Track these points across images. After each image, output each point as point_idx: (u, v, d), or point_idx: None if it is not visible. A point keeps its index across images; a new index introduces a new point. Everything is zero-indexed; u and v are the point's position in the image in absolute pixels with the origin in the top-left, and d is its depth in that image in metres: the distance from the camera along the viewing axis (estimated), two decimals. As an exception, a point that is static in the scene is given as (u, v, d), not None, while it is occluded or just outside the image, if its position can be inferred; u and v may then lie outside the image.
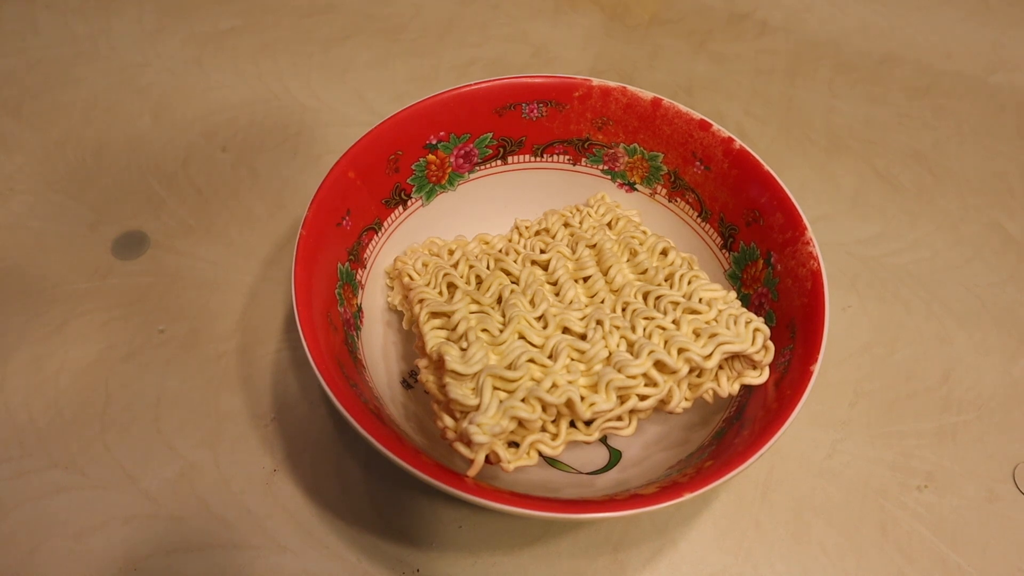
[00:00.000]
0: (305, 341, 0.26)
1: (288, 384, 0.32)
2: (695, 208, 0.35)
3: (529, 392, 0.25)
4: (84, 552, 0.28)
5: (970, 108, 0.46)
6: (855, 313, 0.36)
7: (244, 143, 0.42)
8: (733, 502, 0.30)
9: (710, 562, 0.29)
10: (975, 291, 0.38)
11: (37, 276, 0.35)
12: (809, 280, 0.29)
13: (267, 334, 0.34)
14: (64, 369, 0.32)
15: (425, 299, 0.30)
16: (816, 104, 0.46)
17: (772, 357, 0.28)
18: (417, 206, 0.35)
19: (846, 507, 0.30)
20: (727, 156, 0.33)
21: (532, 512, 0.23)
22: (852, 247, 0.39)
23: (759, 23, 0.51)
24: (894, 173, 0.43)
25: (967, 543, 0.30)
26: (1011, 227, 0.40)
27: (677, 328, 0.28)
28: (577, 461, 0.30)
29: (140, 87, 0.44)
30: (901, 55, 0.49)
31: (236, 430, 0.31)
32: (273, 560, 0.28)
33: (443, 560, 0.28)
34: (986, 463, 0.32)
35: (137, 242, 0.37)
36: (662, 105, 0.34)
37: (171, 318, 0.34)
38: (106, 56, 0.46)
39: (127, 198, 0.39)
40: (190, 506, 0.29)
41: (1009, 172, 0.43)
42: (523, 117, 0.35)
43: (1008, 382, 0.34)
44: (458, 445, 0.25)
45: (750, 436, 0.26)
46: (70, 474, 0.30)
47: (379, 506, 0.29)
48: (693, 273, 0.30)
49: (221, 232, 0.37)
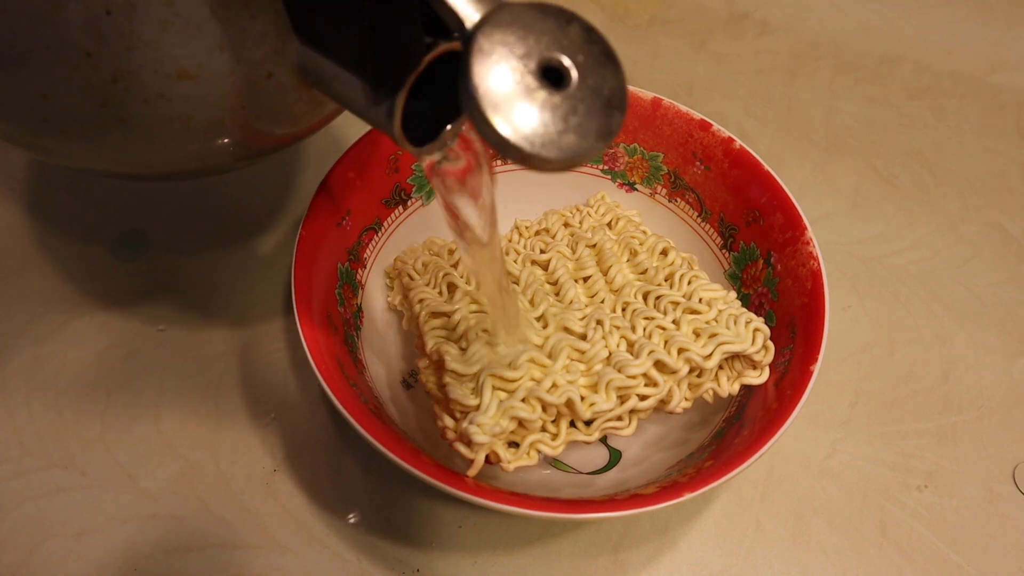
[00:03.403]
0: (305, 341, 0.26)
1: (288, 384, 0.32)
2: (695, 208, 0.35)
3: (529, 392, 0.25)
4: (84, 552, 0.28)
5: (970, 108, 0.46)
6: (855, 313, 0.36)
7: (244, 143, 0.42)
8: (733, 502, 0.30)
9: (710, 562, 0.29)
10: (975, 291, 0.38)
11: (37, 276, 0.35)
12: (809, 280, 0.29)
13: (267, 334, 0.34)
14: (64, 369, 0.32)
15: (425, 299, 0.30)
16: (816, 104, 0.46)
17: (772, 357, 0.28)
18: (417, 206, 0.35)
19: (846, 507, 0.30)
20: (727, 156, 0.33)
21: (532, 512, 0.23)
22: (852, 247, 0.39)
23: (759, 23, 0.51)
24: (894, 173, 0.43)
25: (967, 543, 0.30)
26: (1011, 227, 0.40)
27: (677, 328, 0.28)
28: (577, 461, 0.30)
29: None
30: (901, 55, 0.49)
31: (236, 430, 0.31)
32: (273, 560, 0.28)
33: (443, 560, 0.28)
34: (986, 463, 0.32)
35: (137, 242, 0.37)
36: (662, 105, 0.34)
37: (171, 318, 0.34)
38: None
39: (127, 198, 0.39)
40: (190, 506, 0.29)
41: (1009, 172, 0.43)
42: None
43: (1008, 382, 0.34)
44: (458, 445, 0.25)
45: (750, 436, 0.26)
46: (70, 474, 0.30)
47: (379, 506, 0.29)
48: (693, 273, 0.30)
49: (221, 232, 0.37)
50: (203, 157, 0.21)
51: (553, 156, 0.15)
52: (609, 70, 0.16)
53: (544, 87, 0.15)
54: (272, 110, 0.20)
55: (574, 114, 0.15)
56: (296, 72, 0.19)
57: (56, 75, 0.17)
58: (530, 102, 0.15)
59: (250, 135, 0.21)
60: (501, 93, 0.15)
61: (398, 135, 0.18)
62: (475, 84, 0.15)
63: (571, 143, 0.15)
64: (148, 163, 0.21)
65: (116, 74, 0.17)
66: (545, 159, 0.15)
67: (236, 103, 0.19)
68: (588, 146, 0.15)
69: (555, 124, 0.15)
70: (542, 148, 0.15)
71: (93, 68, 0.17)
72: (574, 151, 0.15)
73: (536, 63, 0.15)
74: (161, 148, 0.20)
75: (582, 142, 0.15)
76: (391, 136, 0.18)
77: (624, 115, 0.16)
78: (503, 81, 0.15)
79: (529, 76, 0.15)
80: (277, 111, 0.21)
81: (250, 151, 0.23)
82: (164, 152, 0.20)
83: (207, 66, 0.18)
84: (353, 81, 0.18)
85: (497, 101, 0.15)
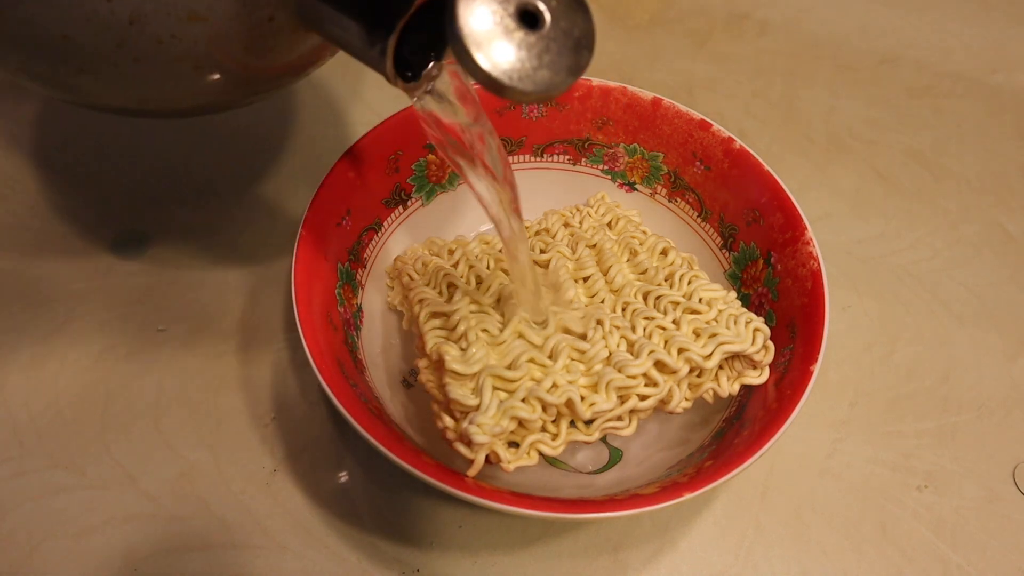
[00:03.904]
0: (305, 341, 0.26)
1: (288, 384, 0.32)
2: (695, 208, 0.35)
3: (529, 392, 0.25)
4: (84, 552, 0.28)
5: (970, 108, 0.46)
6: (855, 313, 0.36)
7: (244, 142, 0.42)
8: (733, 502, 0.30)
9: (710, 562, 0.29)
10: (975, 291, 0.38)
11: (37, 276, 0.35)
12: (809, 280, 0.29)
13: (267, 334, 0.34)
14: (64, 369, 0.32)
15: (425, 299, 0.30)
16: (816, 104, 0.46)
17: (772, 357, 0.28)
18: (417, 206, 0.35)
19: (846, 507, 0.30)
20: (727, 156, 0.33)
21: (532, 512, 0.23)
22: (852, 247, 0.39)
23: (759, 23, 0.51)
24: (894, 173, 0.43)
25: (967, 543, 0.30)
26: (1011, 227, 0.40)
27: (677, 328, 0.28)
28: (577, 460, 0.30)
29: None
30: (901, 55, 0.49)
31: (236, 430, 0.31)
32: (273, 560, 0.28)
33: (443, 560, 0.28)
34: (986, 463, 0.32)
35: (137, 242, 0.37)
36: (662, 105, 0.34)
37: (171, 318, 0.34)
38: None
39: (127, 198, 0.39)
40: (190, 506, 0.29)
41: (1009, 172, 0.43)
42: (523, 117, 0.35)
43: (1008, 382, 0.34)
44: (458, 445, 0.25)
45: (750, 436, 0.26)
46: (70, 474, 0.30)
47: (379, 506, 0.29)
48: (693, 273, 0.30)
49: (221, 232, 0.37)
50: (209, 93, 0.24)
51: (529, 88, 0.17)
52: (580, 15, 0.18)
53: (521, 28, 0.17)
54: (272, 51, 0.23)
55: (547, 52, 0.18)
56: (295, 15, 0.21)
57: (78, 17, 0.19)
58: (508, 41, 0.17)
59: (251, 73, 0.23)
60: (483, 33, 0.17)
61: (390, 73, 0.20)
62: (460, 25, 0.17)
63: (544, 77, 0.18)
64: (159, 99, 0.24)
65: (133, 16, 0.19)
66: (522, 91, 0.17)
67: (240, 44, 0.21)
68: (560, 80, 0.18)
69: (530, 60, 0.17)
70: (519, 81, 0.17)
71: (112, 12, 0.19)
72: (547, 84, 0.18)
73: (514, 7, 0.17)
74: (172, 85, 0.22)
75: (555, 77, 0.18)
76: (384, 74, 0.20)
77: (591, 54, 0.18)
78: (485, 22, 0.17)
79: (508, 18, 0.17)
80: (276, 51, 0.23)
81: (252, 89, 0.25)
82: (174, 88, 0.23)
83: (215, 9, 0.20)
84: (349, 24, 0.20)
85: (479, 40, 0.17)
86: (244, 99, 0.26)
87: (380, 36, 0.19)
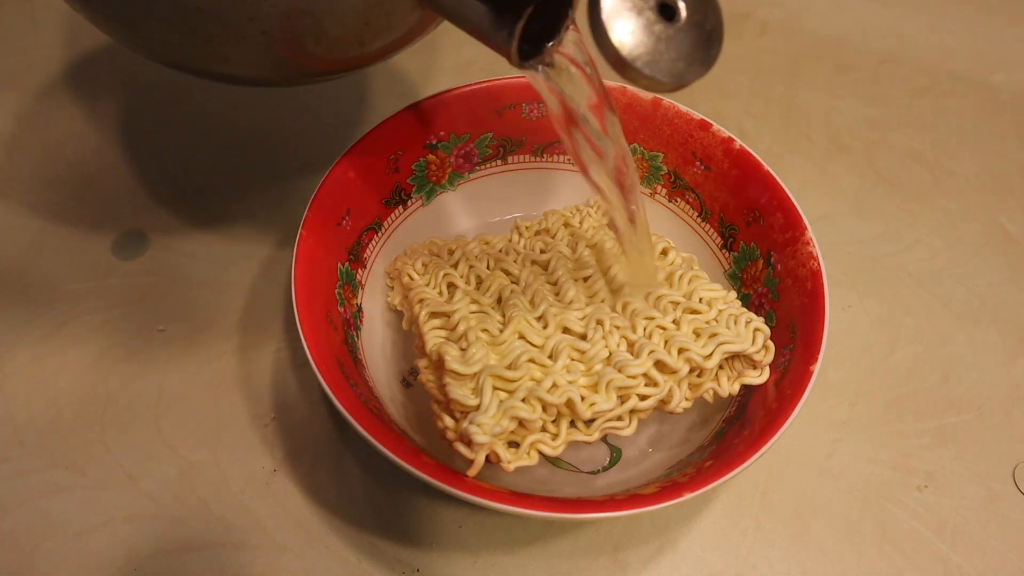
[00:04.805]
0: (305, 341, 0.26)
1: (288, 384, 0.32)
2: (695, 208, 0.35)
3: (529, 392, 0.25)
4: (84, 552, 0.28)
5: (970, 108, 0.46)
6: (855, 313, 0.36)
7: (244, 143, 0.42)
8: (733, 502, 0.30)
9: (710, 562, 0.29)
10: (975, 291, 0.38)
11: (37, 276, 0.35)
12: (809, 280, 0.29)
13: (267, 334, 0.34)
14: (64, 369, 0.32)
15: (425, 299, 0.30)
16: (816, 104, 0.46)
17: (772, 357, 0.28)
18: (417, 206, 0.35)
19: (846, 507, 0.30)
20: (727, 156, 0.33)
21: (532, 512, 0.23)
22: (852, 247, 0.39)
23: (759, 23, 0.51)
24: (894, 173, 0.43)
25: (967, 543, 0.30)
26: (1011, 227, 0.40)
27: (677, 328, 0.28)
28: (577, 459, 0.30)
29: (142, 86, 0.44)
30: (901, 55, 0.49)
31: (236, 430, 0.31)
32: (273, 560, 0.28)
33: (443, 560, 0.28)
34: (986, 463, 0.32)
35: (137, 242, 0.37)
36: (662, 105, 0.34)
37: (171, 318, 0.34)
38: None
39: (127, 198, 0.39)
40: (190, 506, 0.29)
41: (1009, 172, 0.43)
42: (523, 117, 0.35)
43: (1008, 382, 0.34)
44: (458, 445, 0.25)
45: (750, 436, 0.26)
46: (70, 474, 0.30)
47: (379, 506, 0.29)
48: (693, 273, 0.30)
49: (221, 232, 0.37)
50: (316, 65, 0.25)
51: (667, 80, 0.19)
52: (711, 8, 0.20)
53: (660, 21, 0.19)
54: (389, 28, 0.24)
55: (683, 44, 0.19)
56: None
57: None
58: (648, 35, 0.19)
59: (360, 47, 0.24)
60: (629, 30, 0.18)
61: (515, 55, 0.21)
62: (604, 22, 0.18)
63: (680, 69, 0.19)
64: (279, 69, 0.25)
65: None
66: (660, 82, 0.19)
67: (362, 18, 0.22)
68: (694, 72, 0.19)
69: (668, 53, 0.19)
70: (659, 73, 0.19)
71: None
72: (683, 75, 0.19)
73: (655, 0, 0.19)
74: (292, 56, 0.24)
75: (689, 68, 0.19)
76: (507, 56, 0.21)
77: (721, 46, 0.20)
78: (630, 18, 0.18)
79: (649, 11, 0.19)
80: (392, 28, 0.24)
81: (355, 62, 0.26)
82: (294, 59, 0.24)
83: None
84: (478, 6, 0.21)
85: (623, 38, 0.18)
86: (345, 72, 0.27)
87: (509, 21, 0.20)
